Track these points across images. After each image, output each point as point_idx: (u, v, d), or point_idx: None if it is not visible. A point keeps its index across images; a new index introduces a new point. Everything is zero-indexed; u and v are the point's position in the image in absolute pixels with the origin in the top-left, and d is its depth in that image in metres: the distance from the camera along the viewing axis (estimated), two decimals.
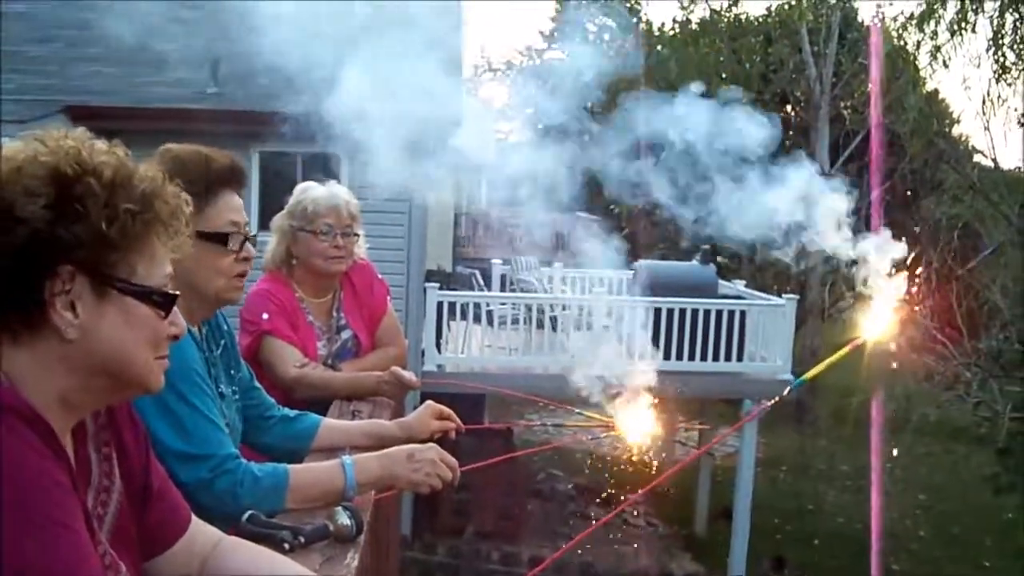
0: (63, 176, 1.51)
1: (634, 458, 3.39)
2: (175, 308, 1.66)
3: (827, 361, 3.72)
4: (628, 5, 32.73)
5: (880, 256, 3.65)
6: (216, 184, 2.65)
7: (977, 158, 21.49)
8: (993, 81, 18.13)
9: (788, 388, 3.87)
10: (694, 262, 16.18)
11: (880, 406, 16.60)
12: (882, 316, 3.63)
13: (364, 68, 3.84)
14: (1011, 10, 17.37)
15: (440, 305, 14.55)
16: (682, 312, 14.65)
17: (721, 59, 27.01)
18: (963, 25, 18.31)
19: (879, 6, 22.25)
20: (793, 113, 28.28)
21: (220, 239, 2.64)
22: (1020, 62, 17.41)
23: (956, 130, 26.65)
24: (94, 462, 1.68)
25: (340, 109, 3.76)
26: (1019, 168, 20.42)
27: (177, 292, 1.66)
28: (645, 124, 4.67)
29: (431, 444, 2.81)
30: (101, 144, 1.60)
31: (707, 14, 28.01)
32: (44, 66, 14.39)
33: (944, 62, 18.96)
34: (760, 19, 27.74)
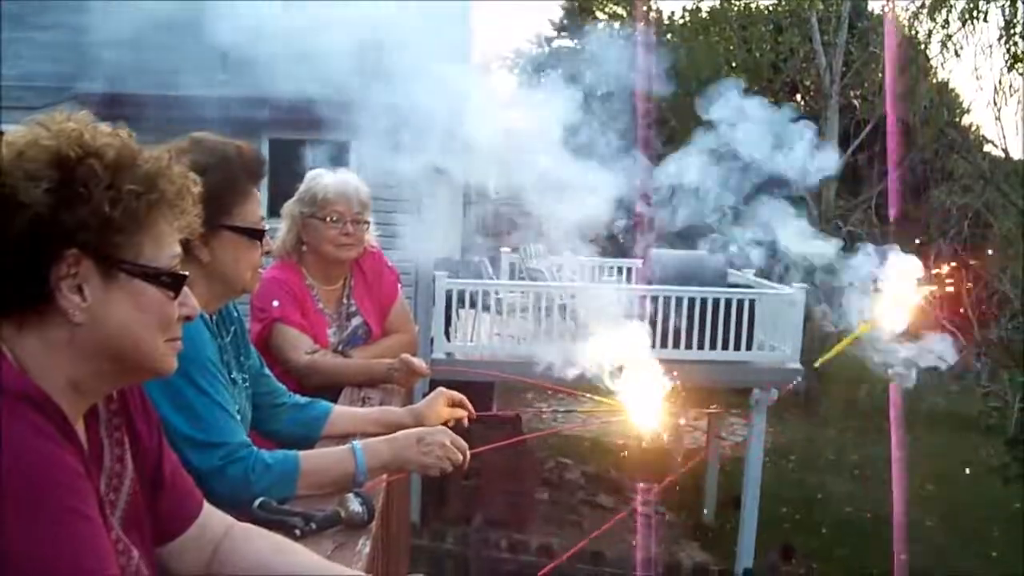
0: (65, 159, 1.50)
1: (644, 445, 3.39)
2: (185, 289, 1.65)
3: (843, 342, 3.73)
4: None
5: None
6: (252, 179, 2.66)
7: (987, 148, 21.44)
8: (1004, 70, 18.07)
9: (815, 365, 3.92)
10: (703, 251, 16.13)
11: (898, 394, 16.55)
12: (894, 300, 3.64)
13: (374, 57, 3.84)
14: None
15: (449, 293, 14.53)
16: (691, 301, 14.61)
17: (731, 48, 26.95)
18: (974, 14, 18.22)
19: None
20: (803, 102, 28.21)
21: (257, 235, 2.65)
22: None
23: (966, 119, 26.58)
24: (106, 447, 1.68)
25: (350, 96, 3.76)
26: None
27: (185, 273, 1.64)
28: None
29: (441, 427, 2.82)
30: (104, 127, 1.59)
31: (717, 3, 27.95)
32: (54, 52, 14.38)
33: (955, 51, 18.88)
34: (770, 8, 27.67)
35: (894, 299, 3.69)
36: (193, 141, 2.57)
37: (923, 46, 20.60)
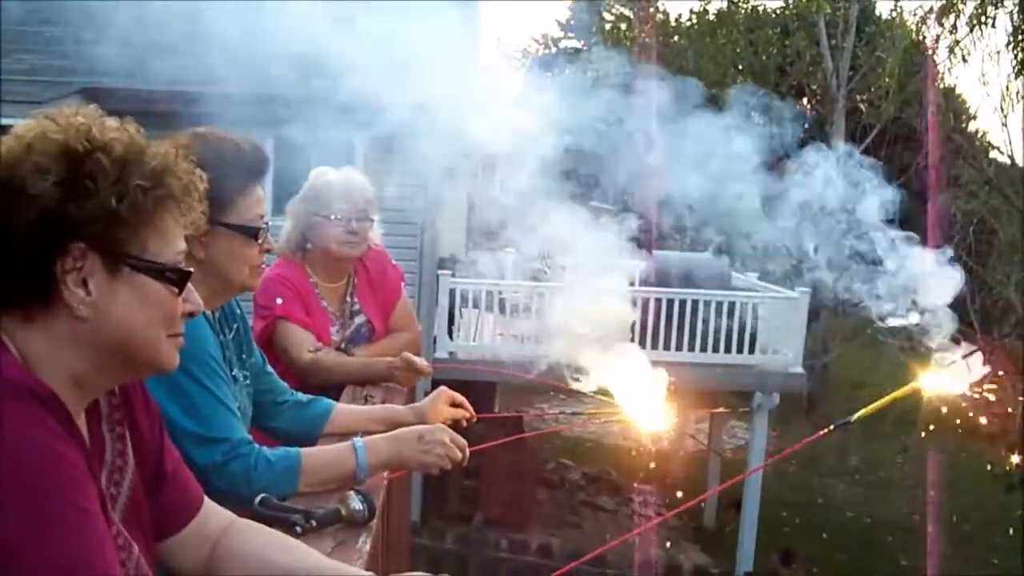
0: (73, 152, 1.51)
1: (644, 447, 3.39)
2: (189, 285, 1.65)
3: (879, 402, 3.69)
4: None
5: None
6: (250, 176, 2.64)
7: (993, 154, 21.42)
8: (1012, 76, 18.07)
9: (835, 425, 3.86)
10: (707, 253, 16.12)
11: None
12: (941, 363, 3.58)
13: (381, 52, 3.84)
14: None
15: (452, 292, 14.51)
16: (694, 303, 14.61)
17: (738, 51, 26.91)
18: (982, 20, 18.21)
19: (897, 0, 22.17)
20: (809, 106, 28.19)
21: (252, 233, 2.63)
22: None
23: (973, 126, 26.55)
24: (108, 441, 1.68)
25: (356, 94, 3.75)
26: None
27: (191, 269, 1.65)
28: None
29: (441, 425, 2.82)
30: (112, 121, 1.59)
31: (724, 5, 27.92)
32: (59, 47, 14.36)
33: (963, 57, 18.87)
34: (777, 11, 27.63)
35: (945, 366, 3.61)
36: (193, 136, 2.56)
37: (930, 51, 20.57)
